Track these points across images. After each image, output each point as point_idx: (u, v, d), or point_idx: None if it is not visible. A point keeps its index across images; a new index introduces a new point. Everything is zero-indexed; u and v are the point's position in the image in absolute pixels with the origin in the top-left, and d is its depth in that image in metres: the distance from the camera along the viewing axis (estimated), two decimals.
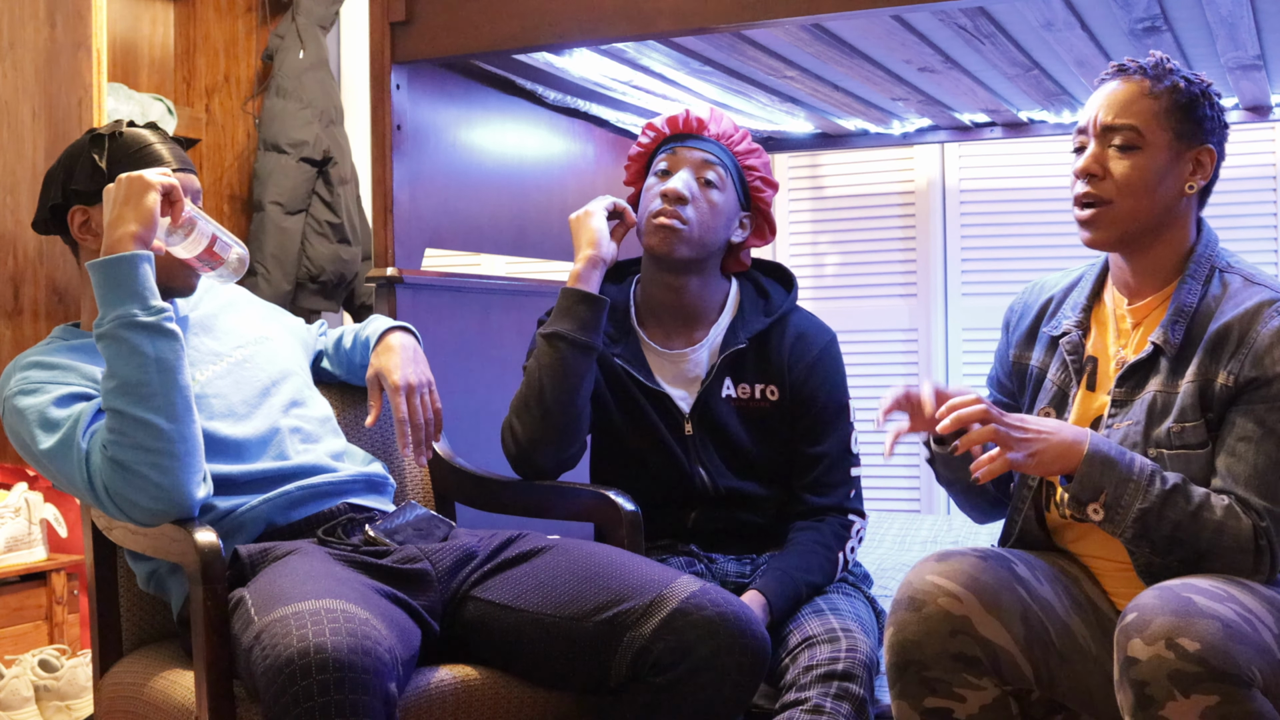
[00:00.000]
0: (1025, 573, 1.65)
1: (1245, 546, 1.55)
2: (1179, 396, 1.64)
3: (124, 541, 1.79)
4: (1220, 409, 1.61)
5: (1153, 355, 1.68)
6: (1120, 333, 1.75)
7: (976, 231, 3.95)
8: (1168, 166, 1.66)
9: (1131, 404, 1.69)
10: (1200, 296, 1.66)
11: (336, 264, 3.49)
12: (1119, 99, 1.68)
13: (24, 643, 2.57)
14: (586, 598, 1.68)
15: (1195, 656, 1.37)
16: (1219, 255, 1.71)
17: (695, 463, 2.05)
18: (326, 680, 1.39)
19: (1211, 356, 1.62)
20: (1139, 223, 1.67)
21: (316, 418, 1.95)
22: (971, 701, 1.59)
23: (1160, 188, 1.67)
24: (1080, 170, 1.69)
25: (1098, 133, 1.68)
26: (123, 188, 1.70)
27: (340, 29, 3.84)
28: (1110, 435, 1.69)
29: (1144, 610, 1.43)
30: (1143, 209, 1.67)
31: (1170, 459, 1.63)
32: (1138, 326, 1.73)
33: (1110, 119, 1.67)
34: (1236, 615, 1.42)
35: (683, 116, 2.08)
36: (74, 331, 1.86)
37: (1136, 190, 1.66)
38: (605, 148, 3.40)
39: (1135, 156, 1.66)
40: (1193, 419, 1.62)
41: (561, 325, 1.97)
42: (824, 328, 2.12)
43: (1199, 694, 1.36)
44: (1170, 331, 1.65)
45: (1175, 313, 1.66)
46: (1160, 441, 1.64)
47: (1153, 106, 1.66)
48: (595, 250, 2.00)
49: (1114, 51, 2.70)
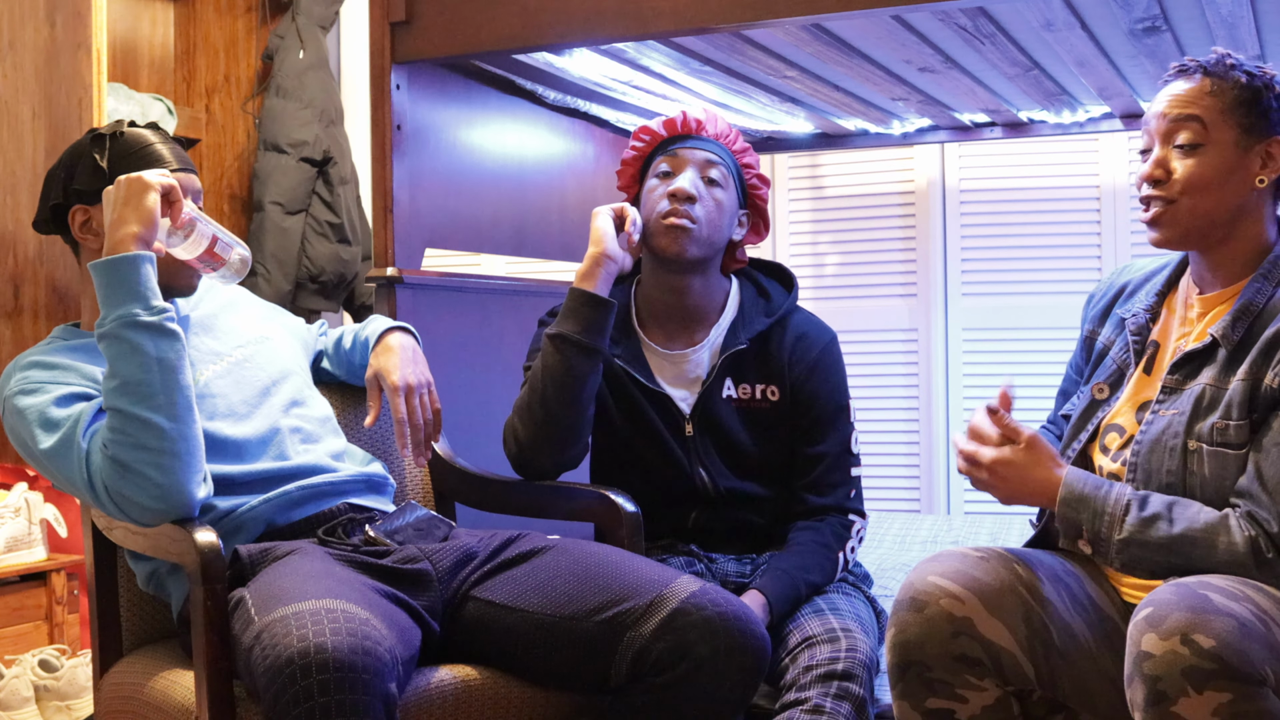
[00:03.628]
0: (1026, 573, 1.65)
1: (1243, 561, 1.52)
2: (1228, 393, 1.61)
3: (124, 541, 1.79)
4: (1264, 411, 1.59)
5: (1210, 347, 1.65)
6: (1185, 321, 1.73)
7: (976, 231, 3.95)
8: (1235, 163, 1.64)
9: (1180, 393, 1.67)
10: (1269, 297, 1.63)
11: (336, 264, 3.49)
12: (1181, 99, 1.66)
13: (24, 643, 2.57)
14: (586, 598, 1.68)
15: (1210, 653, 1.36)
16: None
17: (696, 463, 2.05)
18: (327, 680, 1.39)
19: (1265, 356, 1.59)
20: (1206, 220, 1.65)
21: (317, 417, 1.95)
22: (973, 702, 1.59)
23: (1227, 185, 1.64)
24: (1145, 176, 1.67)
25: (1161, 134, 1.67)
26: (122, 189, 1.70)
27: (340, 29, 3.85)
28: (1154, 420, 1.67)
29: (1160, 605, 1.42)
30: (1209, 207, 1.64)
31: (1209, 455, 1.61)
32: (1203, 317, 1.71)
33: (1172, 120, 1.66)
34: (1252, 615, 1.41)
35: (680, 118, 2.08)
36: (74, 331, 1.87)
37: (1201, 189, 1.64)
38: (605, 148, 3.40)
39: (1199, 155, 1.64)
40: (1238, 418, 1.59)
41: (567, 327, 1.96)
42: (824, 328, 2.12)
43: (1212, 691, 1.36)
44: (1231, 327, 1.63)
45: (1240, 309, 1.63)
46: (1201, 435, 1.62)
47: (1216, 104, 1.64)
48: (598, 248, 1.98)
49: (1114, 51, 2.70)
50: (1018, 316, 3.86)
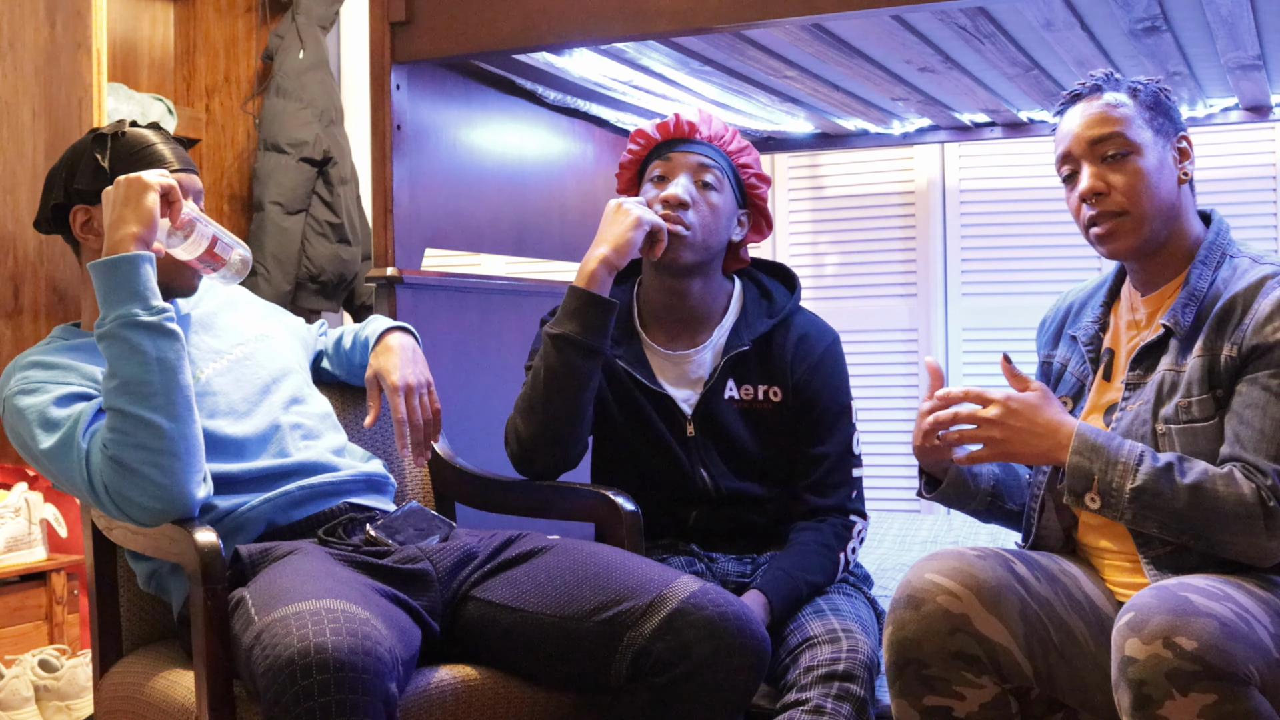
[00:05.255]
0: (1024, 571, 1.66)
1: (1252, 511, 1.55)
2: (1186, 373, 1.66)
3: (124, 541, 1.79)
4: (1228, 381, 1.63)
5: (1163, 338, 1.71)
6: (1133, 325, 1.78)
7: (976, 231, 3.96)
8: (1160, 162, 1.71)
9: (1143, 386, 1.71)
10: (1210, 282, 1.69)
11: (336, 264, 3.49)
12: (1095, 118, 1.72)
13: (24, 643, 2.57)
14: (586, 598, 1.68)
15: (1193, 655, 1.37)
16: (1230, 243, 1.74)
17: (697, 464, 2.05)
18: (327, 680, 1.39)
19: (1217, 332, 1.65)
20: (1155, 221, 1.70)
21: (317, 414, 1.95)
22: (971, 699, 1.60)
23: (1161, 184, 1.70)
24: (1086, 191, 1.71)
25: (1085, 153, 1.72)
26: (121, 189, 1.70)
27: (340, 29, 3.85)
28: (1122, 417, 1.71)
29: (1141, 610, 1.43)
30: (1153, 209, 1.70)
31: (1178, 433, 1.65)
32: (1152, 317, 1.75)
33: (1095, 134, 1.71)
34: (1233, 614, 1.42)
35: (673, 121, 2.06)
36: (74, 331, 1.87)
37: (1142, 192, 1.69)
38: (605, 148, 3.40)
39: (1131, 162, 1.70)
40: (1200, 393, 1.64)
41: (569, 328, 1.95)
42: (827, 329, 2.12)
43: (1197, 692, 1.37)
44: (1181, 314, 1.68)
45: (1187, 296, 1.69)
46: (1168, 418, 1.66)
47: (1126, 113, 1.71)
48: (616, 257, 1.94)
49: (1114, 51, 2.70)
50: (1018, 316, 3.86)
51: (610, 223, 1.97)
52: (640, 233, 1.95)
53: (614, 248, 1.94)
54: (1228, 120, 3.39)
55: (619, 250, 1.94)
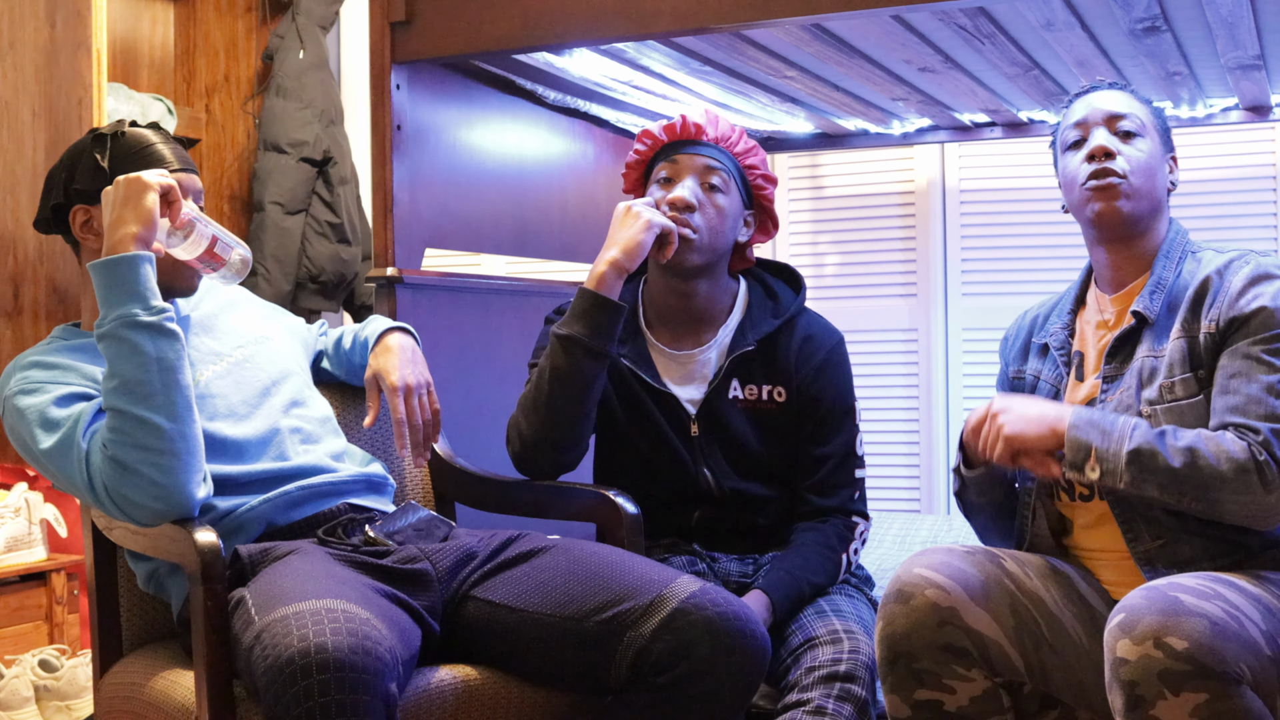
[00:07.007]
0: (1014, 567, 1.69)
1: (1246, 466, 1.56)
2: (1166, 356, 1.70)
3: (124, 541, 1.79)
4: (1209, 360, 1.67)
5: (1135, 328, 1.75)
6: (1101, 325, 1.82)
7: (976, 231, 3.95)
8: (1159, 160, 1.80)
9: (1121, 377, 1.75)
10: (1177, 273, 1.76)
11: (336, 264, 3.49)
12: (1117, 100, 1.82)
13: (24, 643, 2.57)
14: (586, 598, 1.68)
15: (1184, 655, 1.38)
16: (1189, 242, 1.82)
17: (700, 464, 2.05)
18: (327, 680, 1.39)
19: (1193, 313, 1.70)
20: (1143, 203, 1.77)
21: (317, 418, 1.95)
22: (961, 693, 1.61)
23: (1157, 176, 1.79)
24: (1097, 149, 1.76)
25: (1101, 121, 1.79)
26: (121, 189, 1.70)
27: (340, 29, 3.85)
28: (1104, 409, 1.73)
29: (1131, 611, 1.44)
30: (1147, 189, 1.77)
31: (1164, 413, 1.68)
32: (1121, 315, 1.79)
33: (1114, 110, 1.79)
34: (1224, 613, 1.43)
35: (679, 123, 2.06)
36: (74, 331, 1.87)
37: (1144, 170, 1.77)
38: (605, 148, 3.40)
39: (1141, 142, 1.78)
40: (1181, 373, 1.68)
41: (577, 329, 1.94)
42: (832, 329, 2.12)
43: (1189, 692, 1.37)
44: (1150, 300, 1.74)
45: (1154, 285, 1.75)
46: (1152, 399, 1.69)
47: (1142, 111, 1.81)
48: (626, 260, 1.94)
49: (1114, 51, 2.70)
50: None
51: (620, 225, 1.97)
52: (650, 235, 1.95)
53: (624, 251, 1.94)
54: (1228, 120, 3.39)
55: (629, 254, 1.94)
